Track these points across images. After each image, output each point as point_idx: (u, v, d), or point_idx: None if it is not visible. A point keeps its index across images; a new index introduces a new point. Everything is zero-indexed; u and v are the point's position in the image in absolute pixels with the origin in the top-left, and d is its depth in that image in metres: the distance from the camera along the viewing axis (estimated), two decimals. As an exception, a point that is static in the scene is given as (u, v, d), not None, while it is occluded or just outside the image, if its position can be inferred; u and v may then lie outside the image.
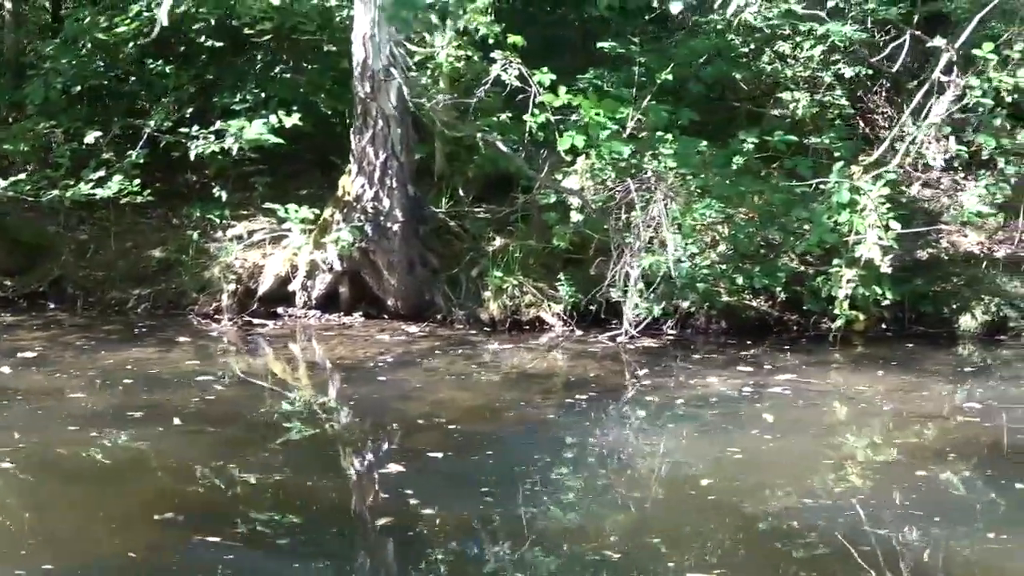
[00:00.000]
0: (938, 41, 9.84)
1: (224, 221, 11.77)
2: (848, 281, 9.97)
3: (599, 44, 11.45)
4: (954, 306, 10.68)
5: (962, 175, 11.59)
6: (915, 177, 11.60)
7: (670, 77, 11.09)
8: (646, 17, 12.20)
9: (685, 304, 10.29)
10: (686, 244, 10.16)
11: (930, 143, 9.69)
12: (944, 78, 9.51)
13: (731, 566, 5.61)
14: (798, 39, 12.14)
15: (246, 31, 12.05)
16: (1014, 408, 8.39)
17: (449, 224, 11.21)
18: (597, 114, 10.11)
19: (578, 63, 11.72)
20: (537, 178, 10.42)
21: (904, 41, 10.46)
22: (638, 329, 10.20)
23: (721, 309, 10.55)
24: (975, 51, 9.77)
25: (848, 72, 12.06)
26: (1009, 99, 9.92)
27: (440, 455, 7.15)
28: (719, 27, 12.29)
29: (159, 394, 8.40)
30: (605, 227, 10.31)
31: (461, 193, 11.51)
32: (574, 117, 10.37)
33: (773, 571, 5.66)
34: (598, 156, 10.23)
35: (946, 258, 11.18)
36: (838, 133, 10.72)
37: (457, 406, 8.39)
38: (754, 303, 10.66)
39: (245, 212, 11.92)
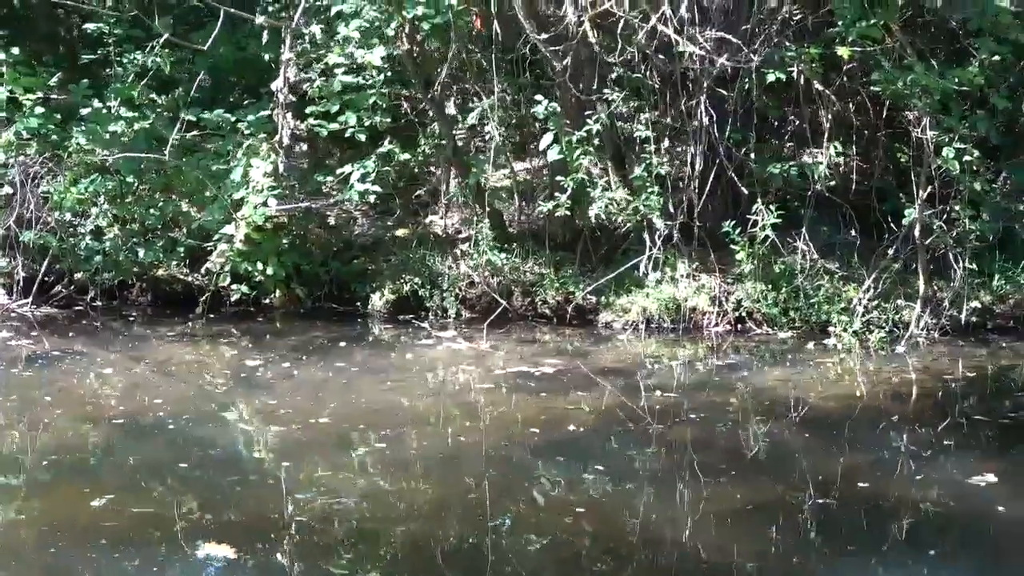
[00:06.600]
0: (259, 19, 10.02)
1: None
2: (219, 256, 10.22)
3: (86, 26, 11.88)
4: (374, 285, 10.82)
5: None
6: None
7: (139, 57, 11.49)
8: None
9: (79, 275, 10.68)
10: (97, 217, 10.58)
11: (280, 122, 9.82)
12: (286, 55, 9.64)
13: None
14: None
15: None
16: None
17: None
18: (11, 91, 10.61)
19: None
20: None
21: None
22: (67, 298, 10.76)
23: (148, 282, 10.93)
24: (346, 30, 9.86)
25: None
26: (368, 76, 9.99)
27: None
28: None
29: None
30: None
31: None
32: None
33: None
34: (16, 133, 10.69)
35: (414, 240, 11.26)
36: (252, 112, 10.86)
37: None
38: (190, 277, 10.96)
39: None
